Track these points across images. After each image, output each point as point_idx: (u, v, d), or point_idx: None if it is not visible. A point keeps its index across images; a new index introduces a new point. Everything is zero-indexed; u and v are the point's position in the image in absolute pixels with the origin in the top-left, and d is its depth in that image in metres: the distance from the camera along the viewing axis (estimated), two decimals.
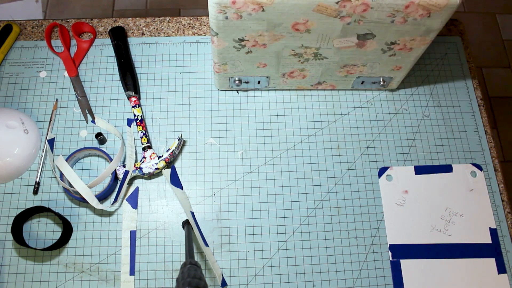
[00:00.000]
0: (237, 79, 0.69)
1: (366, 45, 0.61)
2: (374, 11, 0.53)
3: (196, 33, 0.79)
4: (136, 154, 0.69)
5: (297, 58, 0.64)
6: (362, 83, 0.72)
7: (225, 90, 0.74)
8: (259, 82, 0.71)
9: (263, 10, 0.53)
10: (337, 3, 0.51)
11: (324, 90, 0.75)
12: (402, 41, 0.60)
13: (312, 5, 0.52)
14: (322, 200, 0.69)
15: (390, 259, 0.66)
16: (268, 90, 0.74)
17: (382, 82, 0.71)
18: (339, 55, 0.63)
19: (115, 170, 0.67)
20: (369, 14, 0.54)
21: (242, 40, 0.59)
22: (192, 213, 0.62)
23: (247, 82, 0.70)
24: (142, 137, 0.69)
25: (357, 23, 0.56)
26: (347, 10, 0.53)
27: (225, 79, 0.70)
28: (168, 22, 0.80)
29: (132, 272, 0.64)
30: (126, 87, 0.72)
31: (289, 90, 0.74)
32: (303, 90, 0.74)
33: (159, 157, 0.68)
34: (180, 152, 0.71)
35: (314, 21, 0.55)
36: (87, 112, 0.72)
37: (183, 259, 0.65)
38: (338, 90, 0.75)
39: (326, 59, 0.64)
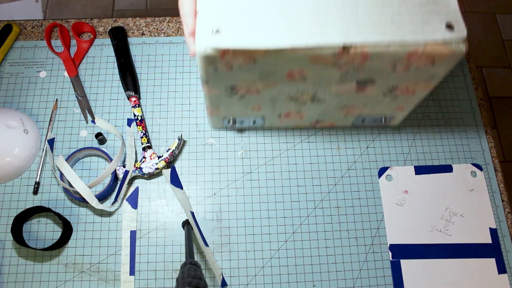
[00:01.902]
0: (231, 119, 0.67)
1: (366, 90, 0.57)
2: (374, 61, 0.49)
3: None
4: (136, 154, 0.69)
5: (293, 101, 0.60)
6: (362, 121, 0.69)
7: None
8: (254, 122, 0.68)
9: (254, 62, 0.49)
10: (334, 55, 0.48)
11: (322, 128, 0.72)
12: (405, 85, 0.56)
13: (308, 56, 0.48)
14: (322, 200, 0.69)
15: (390, 259, 0.66)
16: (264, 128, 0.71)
17: (384, 121, 0.68)
18: (338, 98, 0.59)
19: (115, 170, 0.67)
20: (368, 64, 0.50)
21: (234, 87, 0.55)
22: (192, 213, 0.62)
23: (241, 122, 0.68)
24: (142, 137, 0.69)
25: (356, 72, 0.52)
26: (345, 60, 0.49)
27: (218, 119, 0.67)
28: (168, 22, 0.80)
29: (132, 272, 0.64)
30: (126, 87, 0.72)
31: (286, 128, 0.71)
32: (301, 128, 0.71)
33: (159, 157, 0.68)
34: (180, 152, 0.71)
35: (310, 70, 0.51)
36: (87, 112, 0.72)
37: (183, 259, 0.65)
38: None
39: (324, 102, 0.60)
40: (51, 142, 0.67)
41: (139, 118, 0.70)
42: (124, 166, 0.67)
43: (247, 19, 0.47)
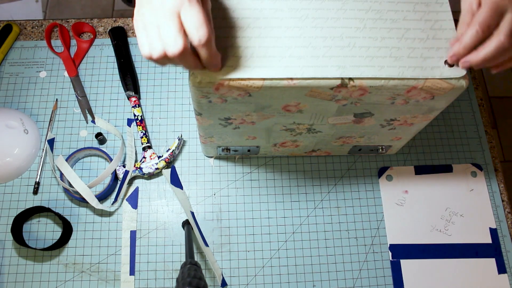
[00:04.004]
0: (225, 148, 0.66)
1: (364, 122, 0.56)
2: (372, 95, 0.48)
3: None
4: (136, 154, 0.69)
5: (289, 132, 0.59)
6: (359, 150, 0.68)
7: None
8: (249, 150, 0.67)
9: (249, 95, 0.47)
10: (331, 89, 0.46)
11: (318, 156, 0.71)
12: (403, 118, 0.55)
13: (305, 90, 0.46)
14: (322, 200, 0.69)
15: (390, 259, 0.66)
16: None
17: (380, 150, 0.68)
18: (335, 129, 0.58)
19: (115, 170, 0.67)
20: (367, 98, 0.48)
21: (228, 118, 0.54)
22: (192, 213, 0.62)
23: (236, 151, 0.67)
24: (142, 137, 0.69)
25: (354, 105, 0.50)
26: (342, 94, 0.47)
27: (212, 148, 0.66)
28: None
29: (132, 272, 0.64)
30: (126, 87, 0.72)
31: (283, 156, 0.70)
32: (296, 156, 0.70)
33: (159, 157, 0.68)
34: (180, 152, 0.71)
35: (307, 103, 0.50)
36: (87, 112, 0.72)
37: (183, 259, 0.65)
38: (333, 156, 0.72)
39: (321, 132, 0.59)
40: (51, 142, 0.67)
41: (139, 118, 0.70)
42: (124, 166, 0.67)
43: (243, 51, 0.46)
